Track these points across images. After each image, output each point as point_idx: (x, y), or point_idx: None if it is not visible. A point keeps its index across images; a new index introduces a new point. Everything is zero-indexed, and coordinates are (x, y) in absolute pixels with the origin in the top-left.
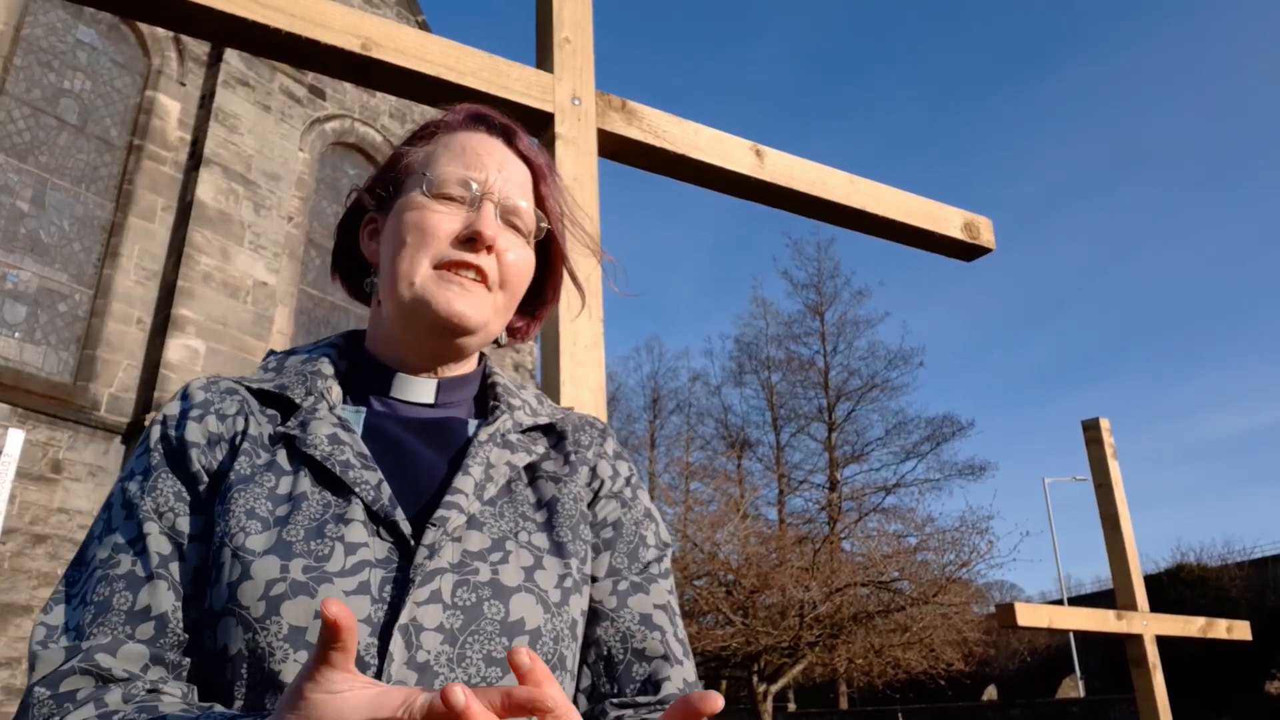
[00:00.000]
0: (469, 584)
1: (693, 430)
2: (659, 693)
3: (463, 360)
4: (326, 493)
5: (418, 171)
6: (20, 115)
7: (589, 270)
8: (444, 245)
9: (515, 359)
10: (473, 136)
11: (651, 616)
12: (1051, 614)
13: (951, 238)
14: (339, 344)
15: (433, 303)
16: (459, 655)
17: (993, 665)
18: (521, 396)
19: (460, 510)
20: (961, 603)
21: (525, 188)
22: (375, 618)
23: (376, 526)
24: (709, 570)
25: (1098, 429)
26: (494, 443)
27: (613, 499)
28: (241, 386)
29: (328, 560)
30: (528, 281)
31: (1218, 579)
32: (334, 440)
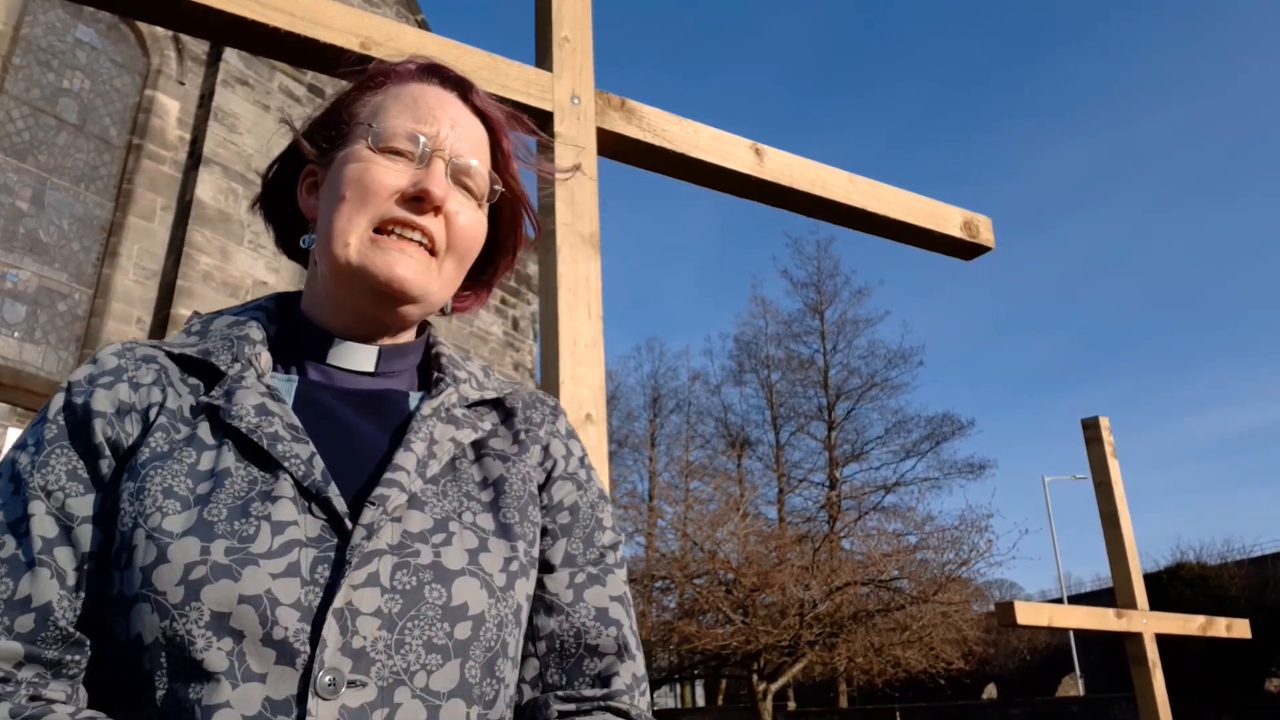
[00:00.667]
0: (409, 566)
1: (692, 429)
2: (608, 687)
3: (404, 329)
4: (253, 468)
5: (363, 122)
6: (19, 115)
7: (589, 271)
8: (387, 203)
9: (515, 358)
10: (426, 89)
11: (608, 610)
12: (1051, 612)
13: (951, 236)
14: (270, 306)
15: (371, 266)
16: (398, 641)
17: (993, 664)
18: (468, 369)
19: (401, 488)
20: (961, 601)
21: (479, 146)
22: (306, 601)
23: (308, 504)
24: (709, 569)
25: (1097, 428)
26: (438, 417)
27: (567, 480)
28: (161, 352)
29: (253, 541)
30: (478, 247)
31: (1217, 577)
32: (262, 411)
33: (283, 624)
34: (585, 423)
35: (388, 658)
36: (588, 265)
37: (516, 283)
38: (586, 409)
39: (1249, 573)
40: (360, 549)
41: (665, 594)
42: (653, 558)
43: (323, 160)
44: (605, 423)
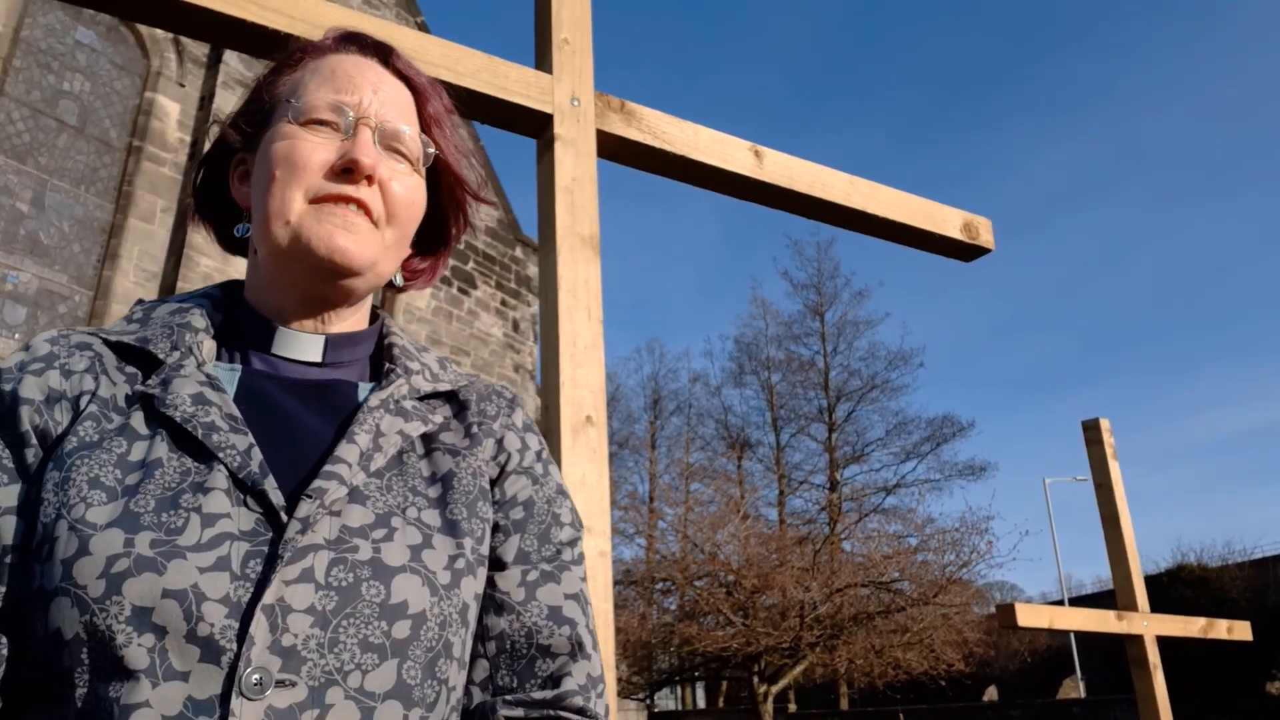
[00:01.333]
0: (346, 562)
1: (693, 431)
2: (558, 688)
3: (352, 306)
4: (186, 459)
5: (284, 100)
6: (20, 117)
7: (589, 272)
8: (317, 177)
9: (515, 360)
10: (344, 58)
11: (562, 609)
12: (1052, 614)
13: (951, 238)
14: (215, 294)
15: (311, 240)
16: (331, 640)
17: (993, 666)
18: (422, 360)
19: (341, 481)
20: (962, 603)
21: (406, 110)
22: (235, 596)
23: (244, 496)
24: (709, 571)
25: (1098, 429)
26: (386, 409)
27: (522, 475)
28: (97, 340)
29: (180, 533)
30: (419, 214)
31: (1218, 579)
32: (199, 400)
33: (208, 620)
34: (585, 425)
35: (320, 656)
36: (588, 267)
37: (517, 284)
38: (587, 411)
39: (1250, 575)
40: (294, 543)
41: (666, 596)
42: (653, 559)
43: (250, 147)
44: (605, 425)
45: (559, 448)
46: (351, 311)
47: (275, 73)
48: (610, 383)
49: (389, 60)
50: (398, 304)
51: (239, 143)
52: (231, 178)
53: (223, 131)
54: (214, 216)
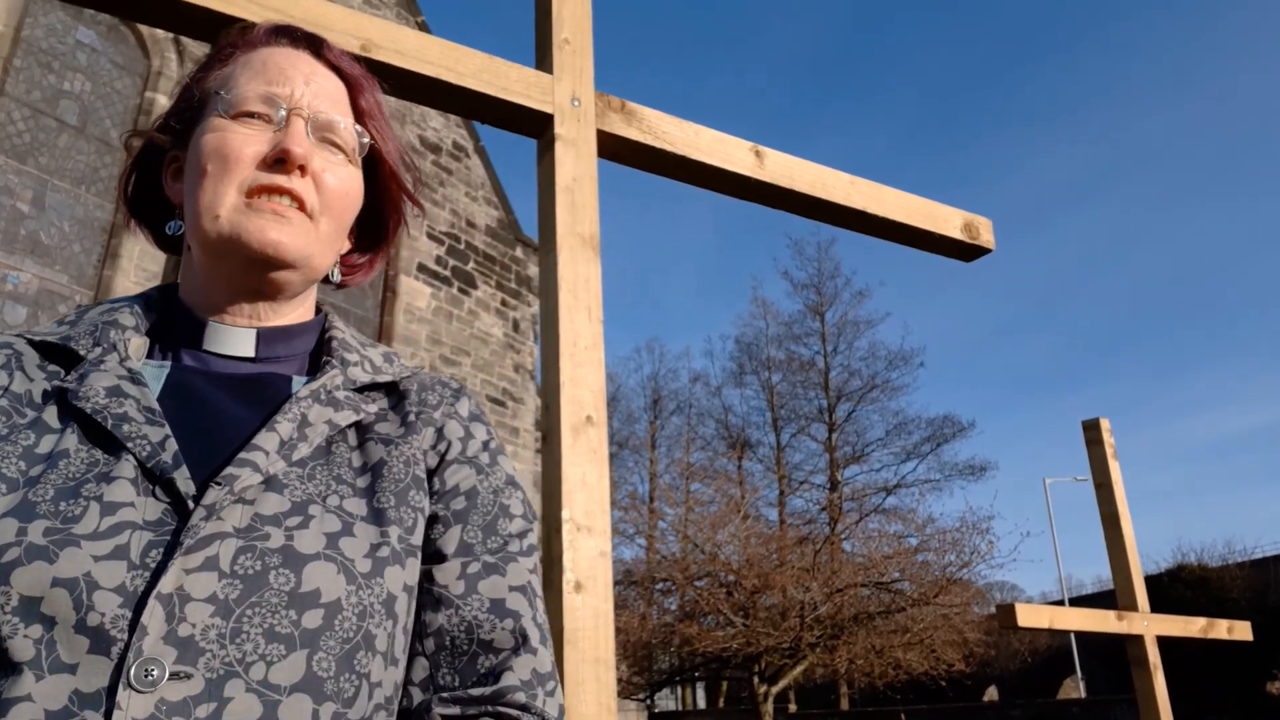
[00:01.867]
0: (255, 550)
1: (693, 431)
2: (498, 683)
3: (287, 301)
4: (96, 451)
5: (214, 93)
6: (20, 117)
7: (589, 273)
8: (249, 169)
9: (516, 360)
10: (275, 51)
11: (505, 601)
12: (1052, 614)
13: (951, 238)
14: (152, 295)
15: (243, 234)
16: (234, 630)
17: (994, 666)
18: (363, 353)
19: (255, 469)
20: (962, 603)
21: (340, 101)
22: (131, 586)
23: (152, 486)
24: (710, 571)
25: (1098, 429)
26: (315, 399)
27: (465, 464)
28: (21, 340)
29: (77, 521)
30: (355, 206)
31: (1218, 579)
32: (114, 393)
33: (99, 609)
34: (586, 425)
35: (220, 647)
36: (588, 267)
37: (517, 284)
38: (587, 411)
39: (1250, 575)
40: (197, 530)
41: (666, 596)
42: (654, 560)
43: (182, 144)
44: (606, 425)
45: (559, 448)
46: (290, 306)
47: (205, 68)
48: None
49: (321, 52)
50: (397, 304)
51: (168, 143)
52: (164, 175)
53: (151, 134)
54: (147, 216)
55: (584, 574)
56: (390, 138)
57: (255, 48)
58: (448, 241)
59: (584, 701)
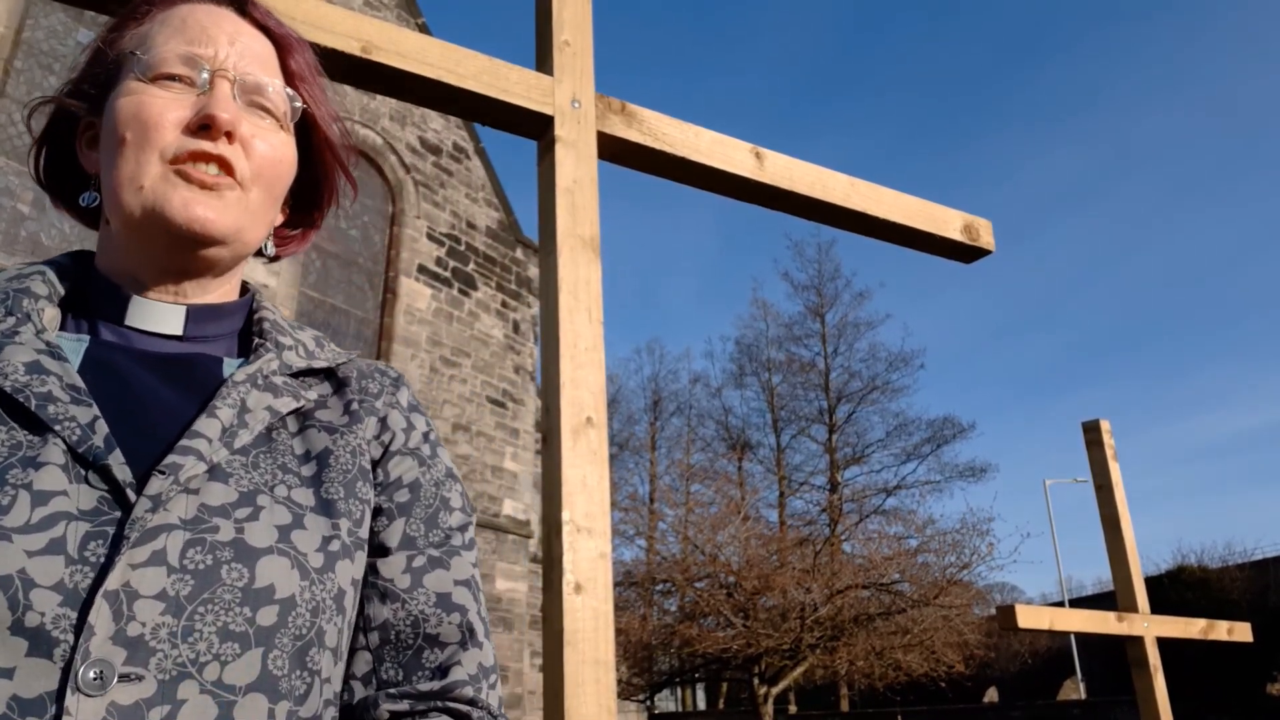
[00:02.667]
0: (205, 544)
1: (693, 432)
2: (446, 678)
3: (215, 278)
4: (18, 432)
5: (130, 53)
6: (21, 118)
7: (589, 274)
8: (172, 135)
9: (516, 361)
10: (196, 8)
11: (451, 595)
12: (1052, 616)
13: (951, 240)
14: (64, 262)
15: (167, 208)
16: (185, 628)
17: (994, 667)
18: (296, 336)
19: (199, 457)
20: (962, 605)
21: (268, 62)
22: (72, 583)
23: (84, 473)
24: (710, 572)
25: (1098, 431)
26: (253, 384)
27: (408, 456)
28: None
29: (6, 513)
30: (288, 174)
31: (1219, 580)
32: (35, 369)
33: (38, 609)
34: (586, 426)
35: (171, 647)
36: (588, 268)
37: (517, 285)
38: (587, 412)
39: (1250, 576)
40: (143, 523)
41: (666, 597)
42: (654, 561)
43: (96, 110)
44: (606, 426)
45: (559, 449)
46: (218, 283)
47: (118, 28)
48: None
49: (246, 9)
50: (398, 305)
51: (83, 109)
52: (79, 143)
53: (60, 100)
54: (63, 190)
55: (584, 575)
56: (323, 102)
57: (174, 4)
58: (448, 243)
59: (584, 703)
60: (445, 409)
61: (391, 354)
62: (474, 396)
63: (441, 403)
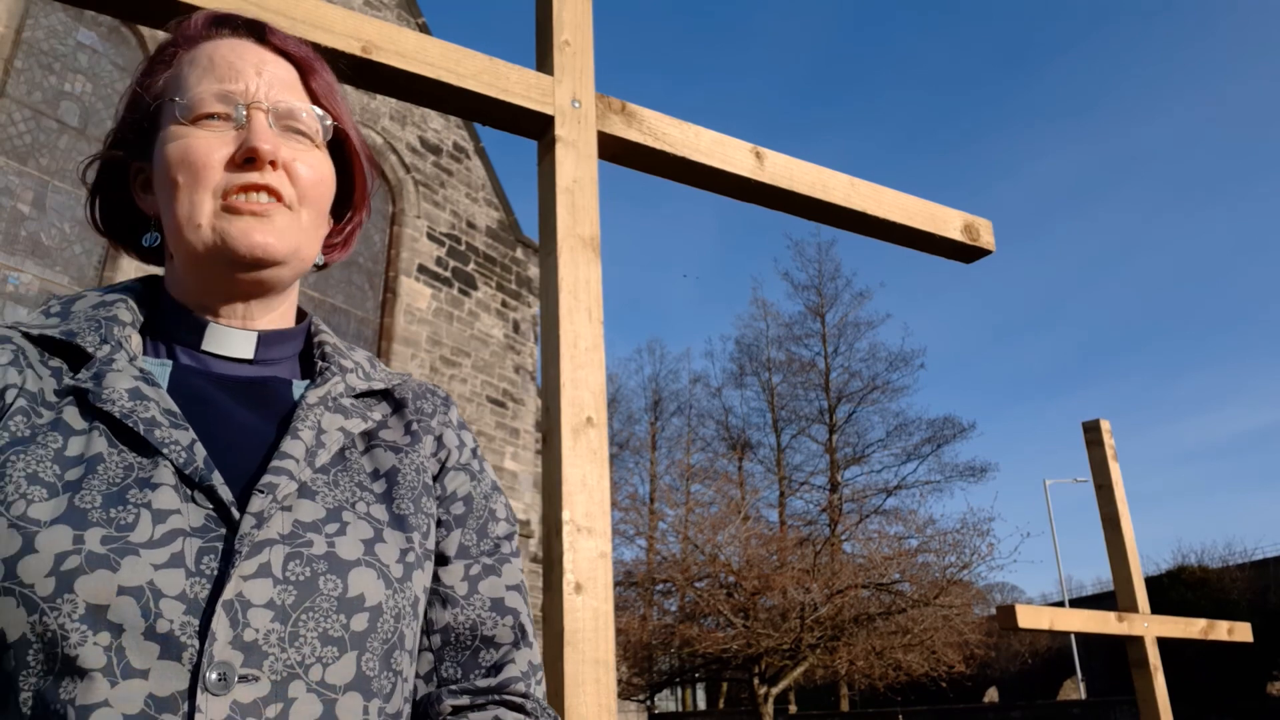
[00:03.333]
0: (302, 557)
1: (694, 432)
2: (501, 675)
3: (279, 296)
4: (128, 454)
5: (167, 99)
6: (21, 118)
7: (590, 274)
8: (220, 173)
9: (516, 360)
10: (219, 44)
11: (504, 600)
12: (1052, 616)
13: (951, 240)
14: (137, 288)
15: (228, 240)
16: (292, 634)
17: (994, 667)
18: (353, 358)
19: (291, 477)
20: (963, 604)
21: (294, 86)
22: (192, 593)
23: (191, 492)
24: (710, 572)
25: (1098, 430)
26: (325, 406)
27: (461, 471)
28: (16, 333)
29: (132, 529)
30: (331, 190)
31: (1219, 580)
32: (136, 395)
33: (167, 617)
34: (586, 426)
35: (281, 651)
36: (588, 268)
37: (518, 285)
38: (587, 412)
39: (1250, 576)
40: (250, 538)
41: (666, 597)
42: (654, 561)
43: (144, 155)
44: (606, 426)
45: (559, 449)
46: (279, 301)
47: (149, 73)
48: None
49: (265, 37)
50: (398, 305)
51: (125, 157)
52: (134, 189)
53: (106, 155)
54: (123, 232)
55: (584, 575)
56: (347, 115)
57: (197, 43)
58: (448, 243)
59: (584, 702)
60: None
61: (391, 354)
62: (474, 396)
63: None
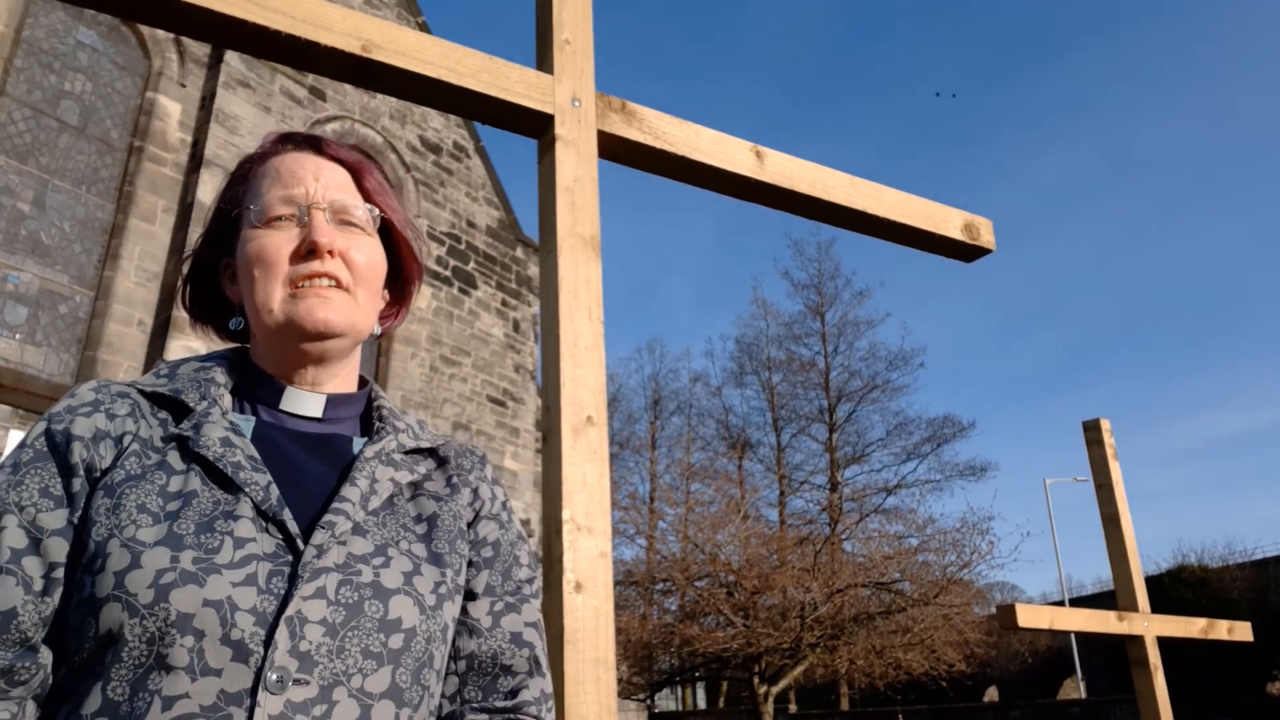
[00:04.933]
0: (352, 584)
1: (694, 431)
2: (517, 699)
3: (341, 362)
4: (217, 491)
5: (244, 207)
6: (21, 117)
7: (590, 273)
8: (287, 265)
9: (516, 360)
10: (285, 158)
11: (522, 634)
12: (1052, 615)
13: (951, 239)
14: (230, 356)
15: (299, 319)
16: (339, 647)
17: (994, 666)
18: (405, 421)
19: (347, 517)
20: (963, 604)
21: (347, 186)
22: (261, 608)
23: (265, 524)
24: (710, 571)
25: (1098, 430)
26: (379, 460)
27: (492, 520)
28: (134, 390)
29: (217, 553)
30: (382, 273)
31: (1219, 580)
32: (226, 443)
33: (240, 626)
34: (586, 425)
35: (329, 661)
36: (588, 268)
37: (517, 285)
38: (587, 411)
39: (1251, 575)
40: (311, 565)
41: (666, 596)
42: (654, 560)
43: (230, 252)
44: (606, 425)
45: (559, 448)
46: (342, 366)
47: (230, 187)
48: (611, 383)
49: (322, 150)
50: None
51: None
52: (223, 280)
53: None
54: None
55: (584, 574)
56: (395, 208)
57: (267, 159)
58: (448, 242)
59: (584, 702)
60: (445, 408)
61: (392, 353)
62: (474, 395)
63: (442, 402)
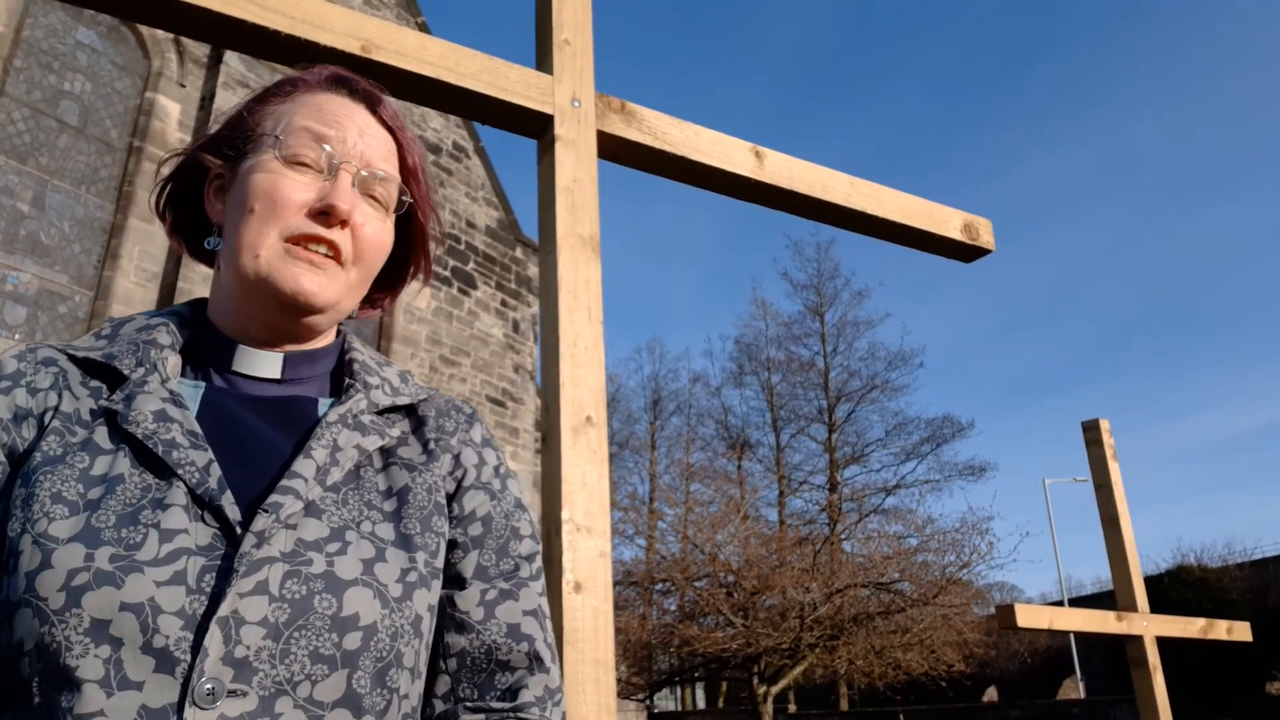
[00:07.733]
0: (300, 575)
1: (693, 431)
2: (516, 699)
3: (313, 337)
4: (147, 475)
5: (270, 134)
6: (20, 117)
7: (589, 273)
8: (294, 216)
9: (515, 360)
10: (333, 98)
11: (520, 626)
12: (1052, 615)
13: (951, 239)
14: (183, 312)
15: (278, 279)
16: (283, 651)
17: (993, 666)
18: (382, 374)
19: (297, 495)
20: (962, 604)
21: (389, 156)
22: (190, 609)
23: (201, 512)
24: (709, 572)
25: (1098, 430)
26: (344, 424)
27: (480, 490)
28: (63, 355)
29: (139, 548)
30: (384, 256)
31: (1218, 580)
32: (161, 417)
33: (164, 632)
34: (586, 425)
35: (271, 667)
36: (588, 268)
37: (517, 285)
38: (587, 411)
39: (1250, 575)
40: (249, 557)
41: (666, 596)
42: (653, 560)
43: (230, 167)
44: (606, 425)
45: (559, 448)
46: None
47: (262, 100)
48: (610, 383)
49: (376, 109)
50: (398, 304)
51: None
52: (207, 191)
53: (200, 156)
54: (183, 228)
55: (583, 574)
56: (426, 199)
57: (314, 90)
58: (448, 242)
59: (583, 702)
60: None
61: (391, 353)
62: (473, 396)
63: None
